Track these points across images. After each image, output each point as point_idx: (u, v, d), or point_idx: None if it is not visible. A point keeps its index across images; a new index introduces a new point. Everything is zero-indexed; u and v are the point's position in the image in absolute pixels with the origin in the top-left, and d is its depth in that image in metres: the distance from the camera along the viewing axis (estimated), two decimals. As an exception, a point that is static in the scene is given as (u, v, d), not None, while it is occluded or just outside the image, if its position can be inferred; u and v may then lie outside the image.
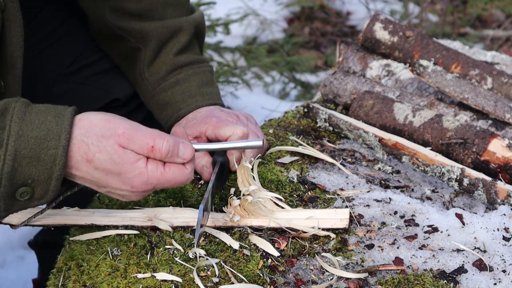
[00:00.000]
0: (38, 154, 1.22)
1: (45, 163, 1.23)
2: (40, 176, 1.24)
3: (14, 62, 1.48)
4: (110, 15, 1.78)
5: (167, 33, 1.76)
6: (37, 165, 1.23)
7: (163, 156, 1.28)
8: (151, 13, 1.77)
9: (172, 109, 1.72)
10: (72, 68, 1.87)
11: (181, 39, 1.77)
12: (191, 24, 1.78)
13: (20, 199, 1.25)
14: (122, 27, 1.77)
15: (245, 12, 4.54)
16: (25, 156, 1.22)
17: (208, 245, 1.40)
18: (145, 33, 1.75)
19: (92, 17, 1.85)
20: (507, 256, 1.38)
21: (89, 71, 1.89)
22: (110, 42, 1.84)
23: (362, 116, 1.81)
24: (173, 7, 1.78)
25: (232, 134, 1.56)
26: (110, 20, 1.78)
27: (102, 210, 1.50)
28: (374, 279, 1.34)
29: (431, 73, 1.80)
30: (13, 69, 1.46)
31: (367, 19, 2.53)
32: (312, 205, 1.53)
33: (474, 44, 4.24)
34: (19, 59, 1.49)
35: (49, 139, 1.23)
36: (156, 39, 1.76)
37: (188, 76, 1.75)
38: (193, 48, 1.81)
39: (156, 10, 1.77)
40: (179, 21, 1.77)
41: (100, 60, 1.90)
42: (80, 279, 1.36)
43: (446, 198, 1.62)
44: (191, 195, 1.58)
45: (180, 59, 1.77)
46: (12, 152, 1.21)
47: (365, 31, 1.99)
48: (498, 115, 1.73)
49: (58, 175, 1.24)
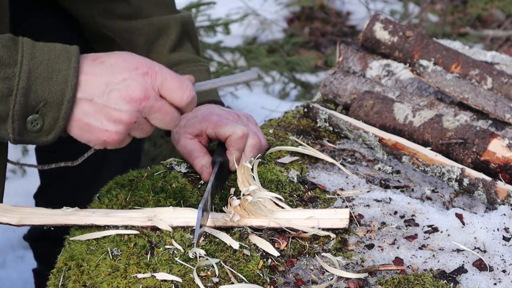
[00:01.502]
0: (50, 75, 1.27)
1: (57, 83, 1.27)
2: (53, 97, 1.28)
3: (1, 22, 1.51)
4: (99, 16, 1.80)
5: (154, 30, 1.77)
6: (50, 85, 1.27)
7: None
8: (137, 13, 1.79)
9: None
10: None
11: (171, 36, 1.77)
12: (177, 21, 1.79)
13: (31, 128, 1.29)
14: (109, 26, 1.79)
15: (245, 12, 4.54)
16: (38, 76, 1.27)
17: (208, 245, 1.40)
18: (132, 32, 1.76)
19: (82, 20, 1.87)
20: (507, 256, 1.38)
21: None
22: (104, 45, 1.85)
23: (362, 116, 1.81)
24: (158, 6, 1.81)
25: (232, 133, 1.56)
26: (99, 21, 1.80)
27: (102, 210, 1.50)
28: (374, 279, 1.34)
29: (431, 73, 1.80)
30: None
31: (367, 19, 2.53)
32: (312, 205, 1.53)
33: (474, 44, 4.24)
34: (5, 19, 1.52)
35: (60, 61, 1.29)
36: (144, 36, 1.77)
37: (184, 73, 1.76)
38: (186, 47, 1.81)
39: (141, 9, 1.79)
40: (165, 18, 1.79)
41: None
42: (80, 279, 1.36)
43: (446, 198, 1.62)
44: (191, 195, 1.58)
45: (174, 57, 1.77)
46: (26, 70, 1.26)
47: (365, 31, 1.99)
48: (498, 115, 1.73)
49: (69, 97, 1.28)
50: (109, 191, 1.60)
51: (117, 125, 1.33)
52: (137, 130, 1.36)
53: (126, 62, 1.34)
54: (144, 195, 1.56)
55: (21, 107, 1.27)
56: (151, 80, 1.34)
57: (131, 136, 1.38)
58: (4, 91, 1.25)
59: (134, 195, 1.57)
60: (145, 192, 1.57)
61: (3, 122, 1.28)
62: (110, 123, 1.32)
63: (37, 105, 1.28)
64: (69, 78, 1.28)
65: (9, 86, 1.25)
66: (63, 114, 1.30)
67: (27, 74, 1.26)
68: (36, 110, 1.28)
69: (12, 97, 1.26)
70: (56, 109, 1.29)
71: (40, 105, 1.28)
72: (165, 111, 1.35)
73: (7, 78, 1.25)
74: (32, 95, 1.27)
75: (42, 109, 1.29)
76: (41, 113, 1.29)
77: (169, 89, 1.35)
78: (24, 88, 1.26)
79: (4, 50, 1.26)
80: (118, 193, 1.57)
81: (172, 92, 1.35)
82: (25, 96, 1.26)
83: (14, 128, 1.28)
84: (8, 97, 1.26)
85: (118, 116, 1.32)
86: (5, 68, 1.25)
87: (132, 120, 1.33)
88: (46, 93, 1.28)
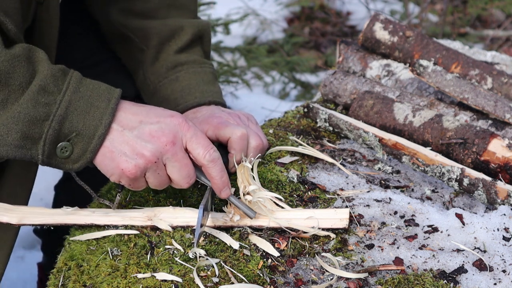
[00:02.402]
0: (88, 109, 1.36)
1: (93, 118, 1.35)
2: (86, 130, 1.35)
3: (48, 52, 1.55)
4: (117, 15, 1.83)
5: (168, 31, 1.79)
6: (86, 118, 1.35)
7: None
8: (155, 13, 1.82)
9: (170, 105, 1.72)
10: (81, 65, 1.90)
11: (182, 38, 1.79)
12: (193, 25, 1.80)
13: (60, 154, 1.36)
14: (126, 24, 1.82)
15: (245, 12, 4.54)
16: (77, 108, 1.35)
17: (208, 245, 1.40)
18: (146, 31, 1.78)
19: (101, 19, 1.89)
20: (507, 256, 1.38)
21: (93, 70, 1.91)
22: (118, 43, 1.88)
23: (362, 116, 1.81)
24: (177, 9, 1.84)
25: (231, 135, 1.56)
26: (116, 19, 1.82)
27: (102, 210, 1.50)
28: (374, 279, 1.34)
29: (431, 73, 1.80)
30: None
31: (367, 19, 2.53)
32: (312, 205, 1.53)
33: (474, 44, 4.24)
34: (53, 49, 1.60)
35: (100, 100, 1.37)
36: (157, 36, 1.78)
37: (188, 74, 1.76)
38: (195, 50, 1.81)
39: (160, 10, 1.82)
40: (181, 21, 1.81)
41: (104, 60, 1.95)
42: (80, 279, 1.36)
43: (446, 198, 1.63)
44: (191, 195, 1.58)
45: (180, 57, 1.78)
46: (67, 100, 1.34)
47: (365, 31, 1.99)
48: (498, 115, 1.73)
49: (101, 133, 1.35)
50: (109, 191, 1.60)
51: (138, 158, 1.37)
52: (154, 173, 1.40)
53: (163, 110, 1.42)
54: (144, 195, 1.57)
55: (54, 133, 1.34)
56: (182, 131, 1.40)
57: (146, 182, 1.42)
58: (42, 115, 1.33)
59: (134, 195, 1.57)
60: (145, 192, 1.57)
61: (35, 144, 1.34)
62: (133, 154, 1.37)
63: (69, 134, 1.35)
64: (105, 116, 1.36)
65: (47, 112, 1.33)
66: (92, 148, 1.36)
67: (67, 104, 1.34)
68: (68, 138, 1.36)
69: (48, 122, 1.33)
70: (87, 142, 1.36)
71: (73, 134, 1.35)
72: (185, 163, 1.40)
73: (47, 104, 1.33)
74: (67, 124, 1.34)
75: (74, 139, 1.36)
76: (72, 142, 1.36)
77: (196, 144, 1.40)
78: (61, 116, 1.34)
79: (52, 79, 1.34)
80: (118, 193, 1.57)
81: (197, 147, 1.40)
82: (60, 123, 1.34)
83: (44, 151, 1.35)
84: (44, 121, 1.33)
85: (141, 150, 1.37)
86: (48, 96, 1.33)
87: (153, 159, 1.37)
88: (81, 125, 1.35)
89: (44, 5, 1.53)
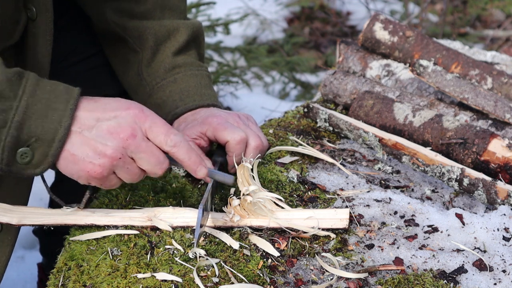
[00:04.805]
0: (46, 113, 1.32)
1: (51, 122, 1.32)
2: (45, 135, 1.32)
3: (41, 68, 1.55)
4: (111, 14, 1.82)
5: (164, 32, 1.79)
6: (44, 122, 1.32)
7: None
8: (150, 14, 1.81)
9: (169, 107, 1.72)
10: (63, 64, 1.89)
11: (179, 39, 1.79)
12: (188, 26, 1.81)
13: (20, 160, 1.33)
14: (121, 24, 1.80)
15: (245, 12, 4.54)
16: (34, 112, 1.31)
17: (208, 245, 1.40)
18: (142, 31, 1.78)
19: (94, 16, 1.88)
20: (507, 256, 1.38)
21: (80, 67, 1.91)
22: (111, 44, 1.87)
23: (362, 116, 1.81)
24: (171, 11, 1.83)
25: (230, 139, 1.56)
26: (110, 18, 1.81)
27: (102, 210, 1.50)
28: (374, 279, 1.34)
29: (431, 73, 1.80)
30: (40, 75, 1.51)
31: (367, 19, 2.53)
32: (312, 205, 1.53)
33: (474, 44, 4.24)
34: (46, 65, 1.57)
35: (58, 101, 1.33)
36: (153, 37, 1.78)
37: (186, 76, 1.76)
38: (191, 52, 1.82)
39: (155, 12, 1.81)
40: (176, 22, 1.81)
41: (91, 57, 1.94)
42: (80, 279, 1.36)
43: (446, 198, 1.63)
44: (191, 195, 1.58)
45: (178, 59, 1.78)
46: (23, 106, 1.31)
47: (365, 31, 1.99)
48: (498, 115, 1.73)
49: (61, 136, 1.32)
50: (109, 191, 1.60)
51: (101, 158, 1.36)
52: (123, 168, 1.38)
53: (119, 102, 1.39)
54: (144, 195, 1.57)
55: (13, 139, 1.31)
56: (140, 122, 1.38)
57: (119, 178, 1.41)
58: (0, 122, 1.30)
59: (134, 195, 1.57)
60: (145, 192, 1.57)
61: None
62: (95, 155, 1.35)
63: (29, 140, 1.32)
64: (64, 118, 1.33)
65: (4, 118, 1.30)
66: (53, 151, 1.34)
67: (24, 109, 1.31)
68: (27, 144, 1.32)
69: (6, 129, 1.30)
70: (47, 146, 1.33)
71: (32, 140, 1.32)
72: (151, 152, 1.38)
73: (3, 111, 1.30)
74: (25, 129, 1.31)
75: (34, 144, 1.33)
76: (32, 147, 1.33)
77: (155, 133, 1.38)
78: (18, 122, 1.30)
79: (7, 84, 1.30)
80: (118, 193, 1.57)
81: (158, 135, 1.39)
82: (18, 129, 1.31)
83: (3, 159, 1.32)
84: (2, 128, 1.30)
85: (103, 149, 1.35)
86: (4, 101, 1.30)
87: (117, 156, 1.36)
88: (39, 130, 1.32)
89: (37, 21, 1.52)
